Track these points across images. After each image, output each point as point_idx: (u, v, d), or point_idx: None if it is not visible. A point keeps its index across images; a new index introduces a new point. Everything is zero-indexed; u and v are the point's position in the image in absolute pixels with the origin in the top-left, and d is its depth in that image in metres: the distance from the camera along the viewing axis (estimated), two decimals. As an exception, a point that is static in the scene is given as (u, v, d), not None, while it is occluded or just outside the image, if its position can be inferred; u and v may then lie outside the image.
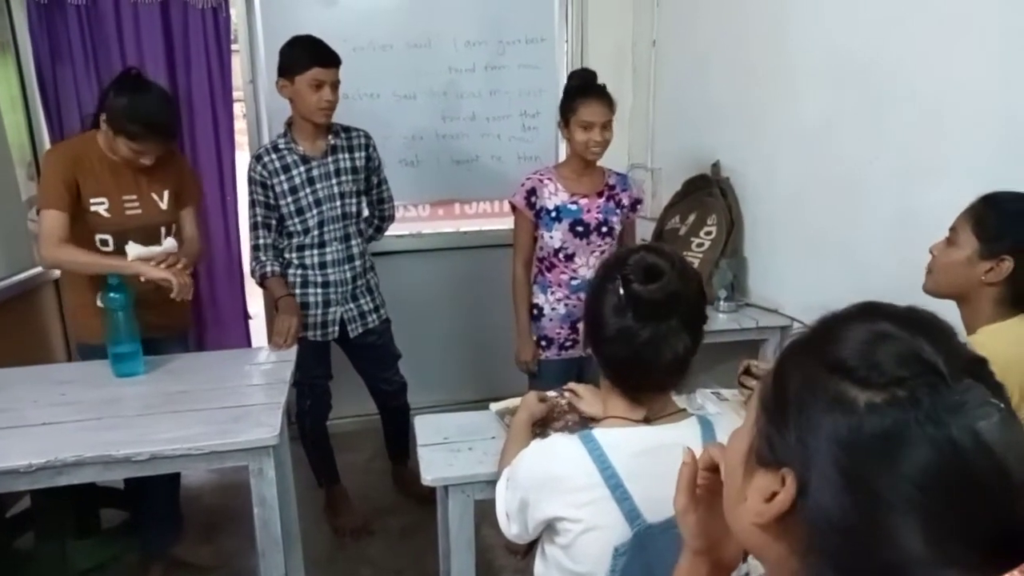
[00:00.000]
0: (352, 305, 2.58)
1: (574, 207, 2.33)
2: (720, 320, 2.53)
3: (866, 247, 2.13)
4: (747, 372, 1.81)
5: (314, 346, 2.55)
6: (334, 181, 2.45)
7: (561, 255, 2.36)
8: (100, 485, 2.39)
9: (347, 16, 3.10)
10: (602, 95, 2.25)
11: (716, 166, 2.85)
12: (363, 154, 2.53)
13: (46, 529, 2.37)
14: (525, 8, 3.30)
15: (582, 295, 2.33)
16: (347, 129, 2.52)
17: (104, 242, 2.14)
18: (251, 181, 2.41)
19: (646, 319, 1.10)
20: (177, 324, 2.34)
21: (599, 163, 2.37)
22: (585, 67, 2.37)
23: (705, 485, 0.77)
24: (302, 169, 2.40)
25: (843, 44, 2.18)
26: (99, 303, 2.14)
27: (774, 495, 0.57)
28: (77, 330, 2.30)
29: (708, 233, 2.74)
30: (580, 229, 2.33)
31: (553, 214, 2.33)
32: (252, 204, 2.44)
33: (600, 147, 2.25)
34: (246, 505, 1.78)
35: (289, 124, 2.44)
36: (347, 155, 2.49)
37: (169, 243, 2.14)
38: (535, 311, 2.45)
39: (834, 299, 0.64)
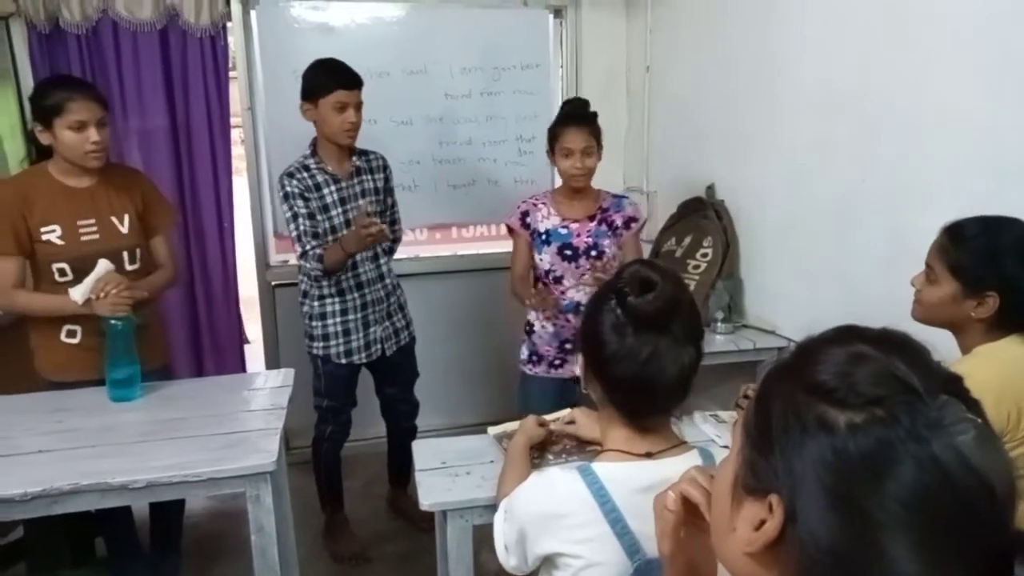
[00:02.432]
0: (388, 323, 2.60)
1: (564, 231, 2.35)
2: (717, 342, 2.53)
3: (859, 268, 2.14)
4: (746, 396, 1.81)
5: (349, 372, 2.56)
6: (362, 202, 2.46)
7: (550, 277, 2.39)
8: (95, 512, 2.37)
9: (344, 44, 3.12)
10: (584, 122, 2.27)
11: (711, 189, 2.88)
12: (382, 175, 2.57)
13: (39, 559, 2.35)
14: (520, 35, 3.35)
15: (571, 316, 2.35)
16: (365, 152, 2.56)
17: (62, 271, 2.05)
18: (289, 196, 2.37)
19: (646, 332, 1.08)
20: (153, 357, 2.23)
21: (597, 186, 2.39)
22: (579, 95, 2.40)
23: (681, 522, 0.77)
24: (332, 188, 2.42)
25: (829, 72, 2.21)
26: (64, 338, 2.12)
27: (763, 523, 0.57)
28: (44, 367, 2.17)
29: (704, 255, 2.76)
30: (568, 253, 2.35)
31: (543, 237, 2.37)
32: (294, 217, 2.36)
33: (581, 173, 2.27)
34: (243, 532, 1.77)
35: (314, 144, 2.45)
36: (370, 176, 2.52)
37: (101, 266, 2.03)
38: (527, 326, 2.48)
39: (829, 319, 0.64)
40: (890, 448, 0.51)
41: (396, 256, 3.35)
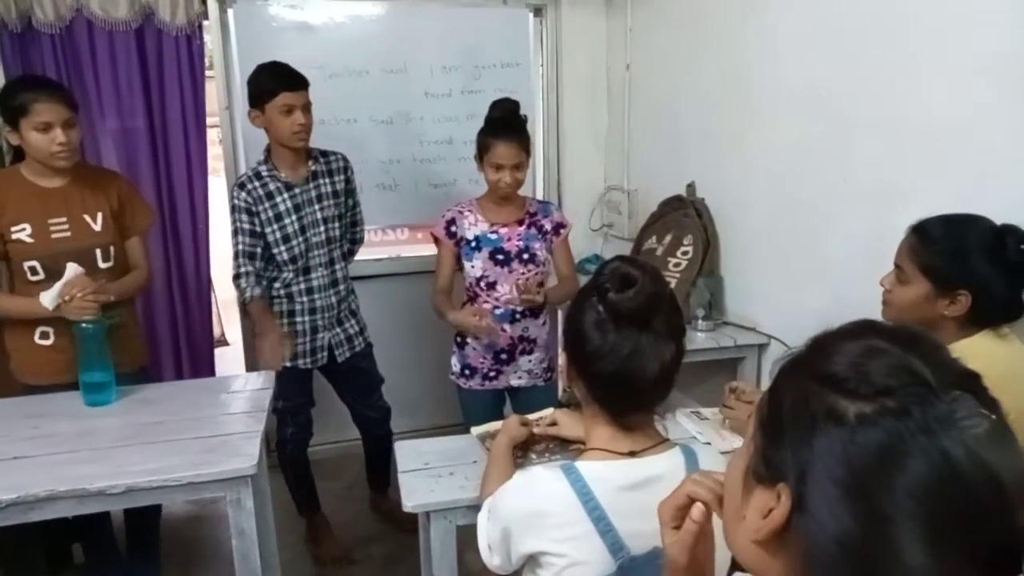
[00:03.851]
0: (339, 329, 2.56)
1: (494, 236, 2.31)
2: (698, 339, 2.55)
3: (839, 265, 2.16)
4: (732, 393, 1.83)
5: (297, 373, 2.52)
6: (317, 207, 2.43)
7: (483, 284, 2.33)
8: (72, 519, 2.34)
9: (322, 43, 3.11)
10: (516, 135, 2.21)
11: (691, 187, 2.89)
12: (342, 177, 2.52)
13: (15, 566, 2.31)
14: (500, 33, 3.35)
15: (505, 325, 2.34)
16: (325, 153, 2.51)
17: (33, 270, 2.05)
18: (235, 209, 2.36)
19: (627, 327, 1.09)
20: (130, 359, 2.24)
21: (521, 193, 2.35)
22: (508, 97, 2.31)
23: (703, 532, 0.77)
24: (286, 196, 2.38)
25: (808, 71, 2.22)
26: (37, 340, 2.11)
27: (771, 511, 0.57)
28: (19, 370, 2.17)
29: (685, 253, 2.77)
30: (500, 257, 2.31)
31: (473, 244, 2.31)
32: (236, 232, 2.37)
33: (510, 187, 2.23)
34: (225, 536, 1.75)
35: (268, 151, 2.41)
36: (327, 180, 2.47)
37: (70, 270, 2.02)
38: (459, 338, 2.43)
39: (810, 315, 0.65)
40: (900, 440, 0.51)
41: (376, 256, 3.38)
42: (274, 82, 2.27)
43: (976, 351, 1.39)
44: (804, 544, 0.55)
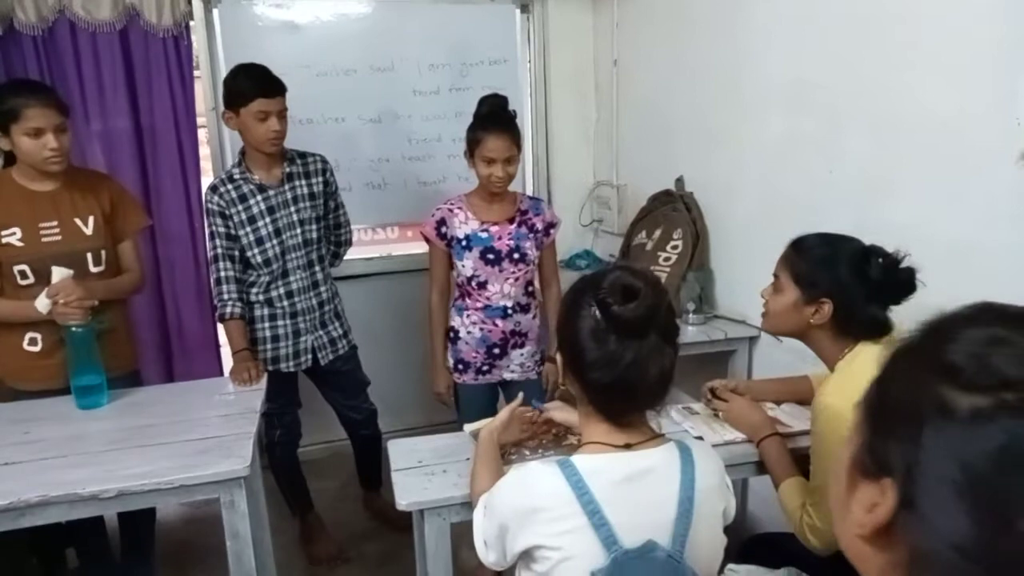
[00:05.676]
0: (322, 332, 2.55)
1: (484, 235, 2.30)
2: (689, 333, 2.56)
3: (827, 257, 2.17)
4: (712, 393, 1.85)
5: (281, 376, 2.50)
6: (292, 209, 2.40)
7: (474, 283, 2.32)
8: (66, 523, 2.34)
9: (309, 42, 3.10)
10: (507, 129, 2.20)
11: (680, 181, 2.90)
12: (320, 179, 2.48)
13: (4, 571, 2.30)
14: (487, 30, 3.35)
15: (497, 320, 2.34)
16: (303, 155, 2.47)
17: (23, 273, 2.05)
18: (209, 213, 2.34)
19: (628, 339, 1.10)
20: (121, 363, 2.23)
21: (511, 188, 2.34)
22: (496, 92, 2.30)
23: None
24: (259, 198, 2.36)
25: (797, 66, 2.23)
26: (26, 346, 2.10)
27: (875, 506, 0.54)
28: (8, 376, 2.15)
29: (674, 247, 2.78)
30: (491, 257, 2.30)
31: (464, 243, 2.30)
32: (212, 236, 2.36)
33: (502, 181, 2.22)
34: (219, 537, 1.75)
35: (243, 153, 2.40)
36: (304, 181, 2.44)
37: (56, 274, 2.02)
38: (451, 333, 2.42)
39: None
40: (1020, 441, 0.47)
41: (367, 255, 3.37)
42: (251, 87, 2.24)
43: (858, 367, 1.43)
44: (912, 543, 0.51)
